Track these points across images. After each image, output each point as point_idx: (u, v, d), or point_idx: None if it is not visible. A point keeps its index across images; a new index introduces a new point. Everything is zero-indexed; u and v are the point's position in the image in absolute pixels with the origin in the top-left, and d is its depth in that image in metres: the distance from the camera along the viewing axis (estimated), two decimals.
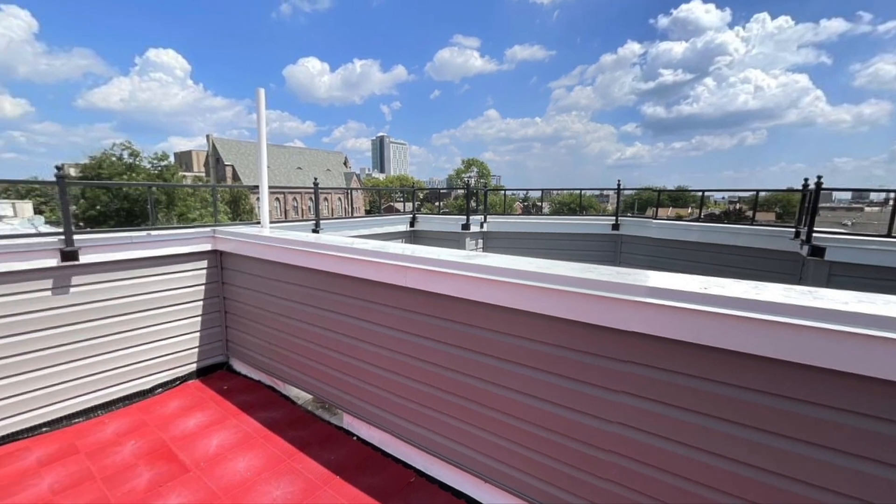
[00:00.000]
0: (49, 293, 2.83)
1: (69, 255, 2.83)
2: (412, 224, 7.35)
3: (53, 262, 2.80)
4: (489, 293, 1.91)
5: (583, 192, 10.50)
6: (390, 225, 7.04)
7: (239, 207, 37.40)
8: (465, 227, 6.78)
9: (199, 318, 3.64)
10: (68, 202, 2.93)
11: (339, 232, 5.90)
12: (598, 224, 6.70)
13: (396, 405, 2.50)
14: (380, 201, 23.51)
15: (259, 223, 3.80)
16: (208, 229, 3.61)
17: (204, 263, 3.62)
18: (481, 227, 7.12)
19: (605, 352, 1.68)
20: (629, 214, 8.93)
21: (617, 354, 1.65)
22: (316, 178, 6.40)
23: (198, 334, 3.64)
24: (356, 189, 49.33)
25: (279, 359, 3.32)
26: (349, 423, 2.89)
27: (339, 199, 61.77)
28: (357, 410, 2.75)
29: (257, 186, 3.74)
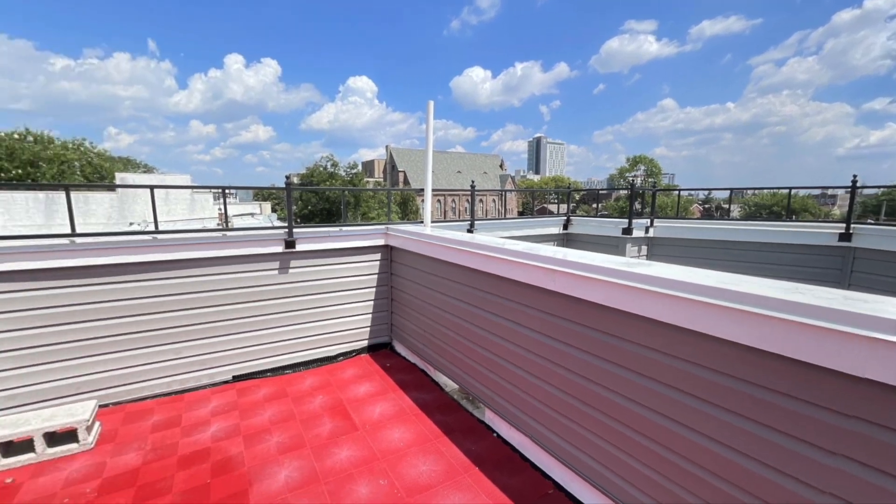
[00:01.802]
0: (276, 272, 3.74)
1: (290, 244, 3.69)
2: (566, 227, 7.05)
3: (280, 248, 3.68)
4: (652, 307, 1.69)
5: (794, 190, 8.10)
6: (542, 227, 6.90)
7: (407, 208, 42.38)
8: (627, 231, 6.12)
9: (372, 303, 4.27)
10: (292, 203, 3.81)
11: (491, 232, 6.09)
12: (814, 233, 5.11)
13: (536, 409, 2.45)
14: (532, 203, 23.32)
15: (422, 222, 4.22)
16: (382, 227, 4.20)
17: (378, 256, 4.23)
18: (646, 231, 6.33)
19: (815, 398, 1.30)
20: (870, 221, 6.61)
21: (836, 405, 1.25)
22: (473, 182, 6.75)
23: (370, 316, 4.28)
24: (510, 191, 50.12)
25: (432, 347, 3.63)
26: (490, 418, 2.96)
27: (494, 200, 63.77)
28: (498, 408, 2.80)
29: (423, 189, 4.16)
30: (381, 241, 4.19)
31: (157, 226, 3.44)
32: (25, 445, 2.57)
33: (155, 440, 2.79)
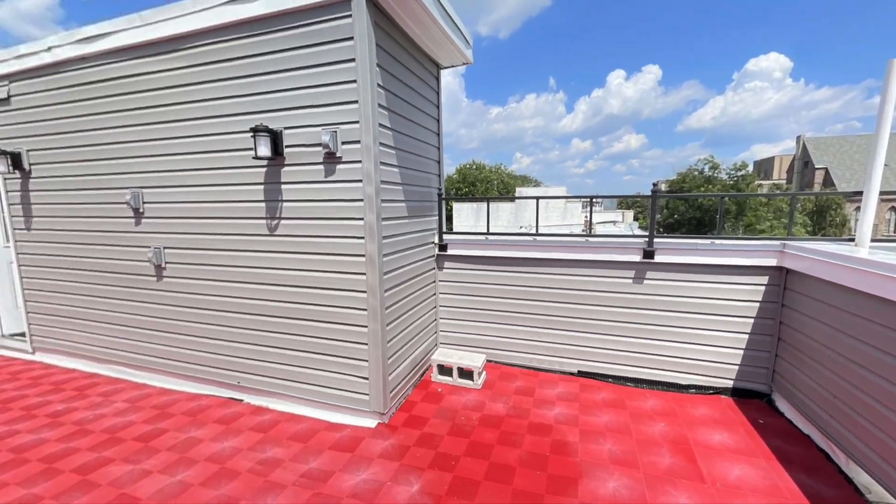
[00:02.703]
0: (631, 281, 3.68)
1: (649, 254, 3.53)
2: None
3: (637, 257, 3.59)
4: None
5: None
6: None
7: (824, 219, 30.47)
8: None
9: (746, 337, 3.40)
10: (656, 212, 3.62)
11: None
12: None
13: None
14: None
15: (852, 240, 2.92)
16: (777, 243, 3.23)
17: (764, 280, 3.30)
18: None
19: None
20: None
21: None
22: None
23: (740, 353, 3.43)
24: None
25: (847, 423, 2.47)
26: None
27: None
28: None
29: (858, 193, 2.86)
30: (771, 262, 3.24)
31: (537, 229, 4.20)
32: (448, 371, 3.85)
33: (516, 401, 3.46)
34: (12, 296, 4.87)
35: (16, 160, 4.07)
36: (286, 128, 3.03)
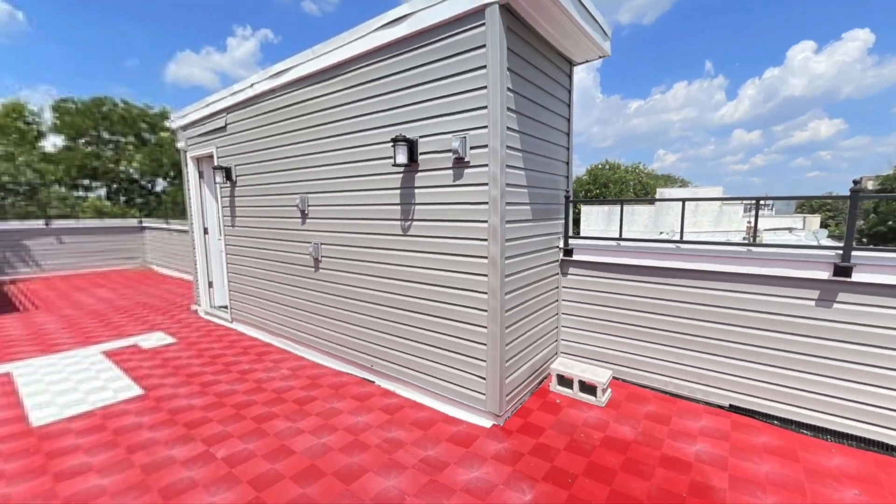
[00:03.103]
0: (812, 303, 2.94)
1: (843, 270, 2.77)
2: None
3: (824, 274, 2.86)
4: None
5: None
6: None
7: None
8: None
9: None
10: (856, 217, 2.82)
11: None
12: None
13: None
14: None
15: None
16: None
17: None
18: None
19: None
20: None
21: None
22: None
23: None
24: None
25: None
26: None
27: None
28: None
29: None
30: None
31: (682, 236, 3.68)
32: (568, 382, 3.65)
33: (646, 426, 3.10)
34: (221, 276, 6.35)
35: (227, 173, 5.31)
36: (421, 136, 3.28)
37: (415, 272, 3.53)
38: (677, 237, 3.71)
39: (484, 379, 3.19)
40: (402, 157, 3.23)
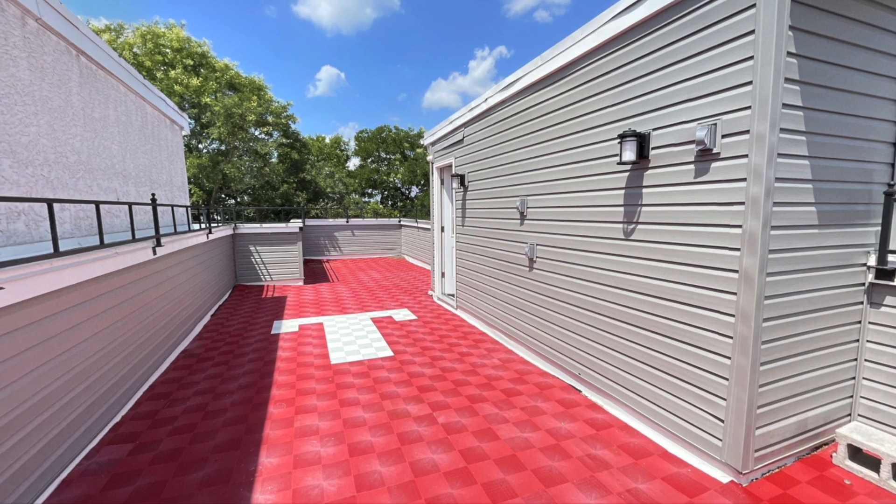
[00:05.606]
0: None
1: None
2: None
3: None
4: None
5: None
6: None
7: None
8: None
9: None
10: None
11: None
12: None
13: None
14: None
15: None
16: None
17: None
18: None
19: None
20: None
21: None
22: None
23: None
24: None
25: None
26: None
27: None
28: None
29: None
30: None
31: None
32: (870, 462, 2.53)
33: None
34: (451, 268, 7.39)
35: (462, 180, 6.11)
36: (653, 129, 2.91)
37: (635, 280, 3.17)
38: None
39: (722, 422, 2.57)
40: (629, 154, 2.94)
